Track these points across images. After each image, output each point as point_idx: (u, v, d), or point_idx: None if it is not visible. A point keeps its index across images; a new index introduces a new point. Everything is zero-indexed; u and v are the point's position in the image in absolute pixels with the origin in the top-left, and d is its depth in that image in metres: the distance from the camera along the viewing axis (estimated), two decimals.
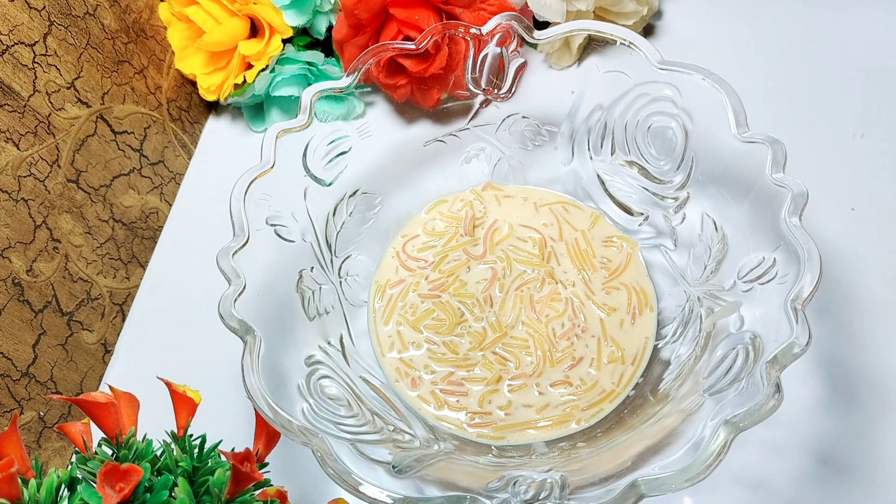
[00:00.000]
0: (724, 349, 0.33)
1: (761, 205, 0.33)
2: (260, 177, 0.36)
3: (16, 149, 0.38)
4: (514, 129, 0.44)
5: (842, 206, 0.44)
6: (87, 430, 0.27)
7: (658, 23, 0.54)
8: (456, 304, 0.42)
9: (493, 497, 0.29)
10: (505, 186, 0.46)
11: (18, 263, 0.38)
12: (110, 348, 0.46)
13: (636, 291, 0.41)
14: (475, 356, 0.40)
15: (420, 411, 0.39)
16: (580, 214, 0.45)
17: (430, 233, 0.45)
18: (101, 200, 0.45)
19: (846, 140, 0.47)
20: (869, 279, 0.42)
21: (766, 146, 0.32)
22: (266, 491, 0.27)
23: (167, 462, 0.26)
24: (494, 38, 0.39)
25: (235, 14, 0.49)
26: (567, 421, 0.38)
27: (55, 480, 0.24)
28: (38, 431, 0.40)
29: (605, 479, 0.29)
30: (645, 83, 0.38)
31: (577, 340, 0.40)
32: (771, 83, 0.50)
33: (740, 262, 0.35)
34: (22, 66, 0.38)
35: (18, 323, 0.38)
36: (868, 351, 0.40)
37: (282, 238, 0.38)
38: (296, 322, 0.38)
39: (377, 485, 0.28)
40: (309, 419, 0.31)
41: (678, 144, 0.38)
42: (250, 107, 0.54)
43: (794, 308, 0.28)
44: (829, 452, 0.37)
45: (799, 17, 0.52)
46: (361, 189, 0.43)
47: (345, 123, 0.41)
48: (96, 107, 0.44)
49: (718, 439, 0.27)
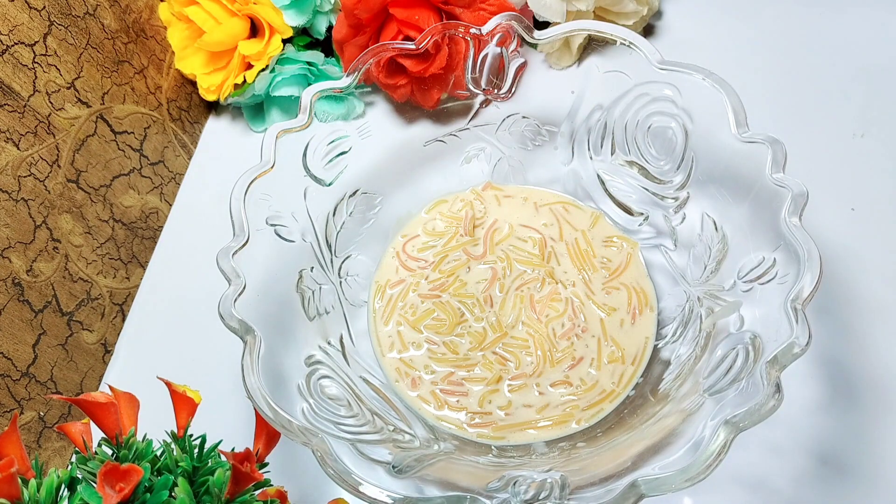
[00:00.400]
0: (724, 349, 0.33)
1: (761, 205, 0.33)
2: (260, 177, 0.36)
3: (16, 149, 0.38)
4: (514, 129, 0.44)
5: (842, 206, 0.44)
6: (87, 430, 0.27)
7: (658, 23, 0.54)
8: (456, 304, 0.42)
9: (493, 497, 0.29)
10: (505, 186, 0.46)
11: (18, 263, 0.38)
12: (110, 348, 0.46)
13: (636, 291, 0.41)
14: (475, 356, 0.40)
15: (420, 411, 0.39)
16: (580, 214, 0.45)
17: (430, 233, 0.45)
18: (101, 200, 0.45)
19: (846, 140, 0.47)
20: (869, 279, 0.42)
21: (766, 146, 0.32)
22: (266, 491, 0.27)
23: (167, 462, 0.26)
24: (494, 38, 0.39)
25: (235, 14, 0.49)
26: (567, 421, 0.38)
27: (55, 480, 0.24)
28: (38, 431, 0.40)
29: (605, 479, 0.29)
30: (645, 83, 0.38)
31: (578, 340, 0.40)
32: (771, 83, 0.50)
33: (740, 262, 0.35)
34: (22, 66, 0.38)
35: (18, 323, 0.38)
36: (868, 351, 0.40)
37: (282, 238, 0.38)
38: (296, 322, 0.38)
39: (377, 485, 0.28)
40: (309, 419, 0.31)
41: (678, 144, 0.38)
42: (250, 107, 0.54)
43: (794, 308, 0.28)
44: (829, 452, 0.37)
45: (799, 17, 0.52)
46: (361, 189, 0.43)
47: (345, 123, 0.41)
48: (96, 107, 0.44)
49: (718, 439, 0.27)
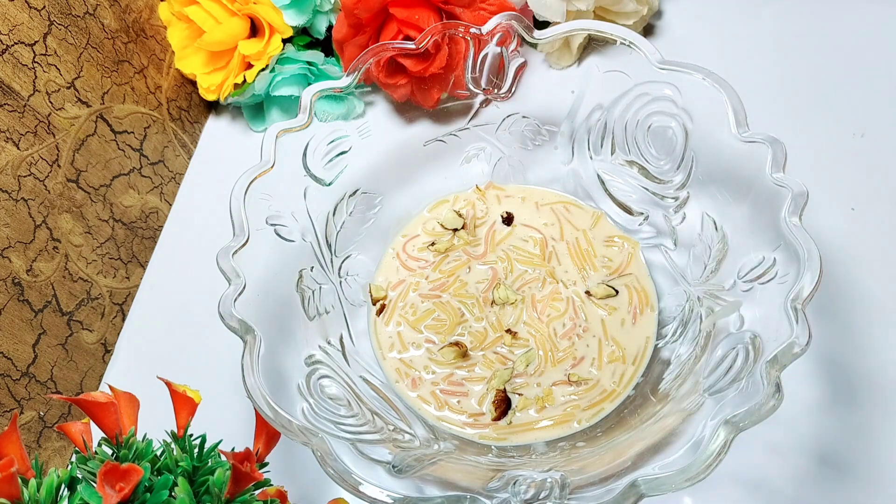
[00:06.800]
0: (724, 349, 0.33)
1: (761, 204, 0.33)
2: (260, 176, 0.36)
3: (16, 148, 0.38)
4: (514, 129, 0.44)
5: (842, 206, 0.44)
6: (87, 429, 0.27)
7: (658, 22, 0.54)
8: (456, 304, 0.42)
9: (493, 497, 0.29)
10: (506, 186, 0.46)
11: (18, 263, 0.38)
12: (110, 348, 0.46)
13: (637, 291, 0.41)
14: (476, 356, 0.40)
15: (420, 412, 0.39)
16: (581, 214, 0.45)
17: (430, 233, 0.45)
18: (101, 200, 0.45)
19: (846, 140, 0.47)
20: (869, 279, 0.42)
21: (766, 146, 0.32)
22: (266, 491, 0.27)
23: (167, 462, 0.26)
24: (494, 38, 0.39)
25: (235, 14, 0.49)
26: (568, 421, 0.38)
27: (55, 480, 0.24)
28: (38, 431, 0.40)
29: (605, 478, 0.29)
30: (645, 83, 0.38)
31: (579, 340, 0.40)
32: (771, 83, 0.50)
33: (740, 261, 0.35)
34: (22, 66, 0.38)
35: (18, 323, 0.38)
36: (868, 351, 0.40)
37: (282, 238, 0.38)
38: (296, 322, 0.38)
39: (377, 484, 0.28)
40: (309, 419, 0.31)
41: (678, 144, 0.38)
42: (250, 106, 0.53)
43: (794, 308, 0.28)
44: (829, 452, 0.37)
45: (799, 17, 0.52)
46: (361, 189, 0.43)
47: (345, 123, 0.41)
48: (96, 106, 0.44)
49: (718, 439, 0.27)
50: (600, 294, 0.41)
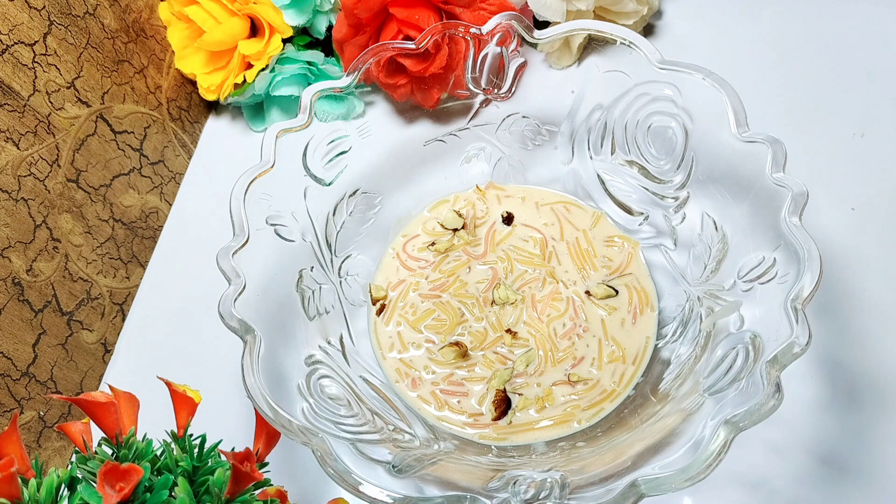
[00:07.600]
0: (724, 349, 0.33)
1: (761, 204, 0.33)
2: (260, 176, 0.36)
3: (16, 148, 0.38)
4: (514, 129, 0.44)
5: (842, 206, 0.44)
6: (87, 429, 0.27)
7: (658, 22, 0.54)
8: (456, 304, 0.42)
9: (493, 497, 0.29)
10: (506, 186, 0.46)
11: (18, 263, 0.38)
12: (110, 348, 0.46)
13: (637, 291, 0.41)
14: (476, 356, 0.40)
15: (420, 412, 0.39)
16: (581, 214, 0.45)
17: (430, 233, 0.45)
18: (101, 200, 0.45)
19: (846, 140, 0.47)
20: (869, 279, 0.42)
21: (766, 146, 0.32)
22: (266, 491, 0.27)
23: (167, 462, 0.26)
24: (494, 38, 0.39)
25: (235, 14, 0.49)
26: (568, 421, 0.38)
27: (55, 480, 0.24)
28: (38, 431, 0.40)
29: (605, 478, 0.29)
30: (645, 83, 0.38)
31: (579, 340, 0.40)
32: (771, 83, 0.50)
33: (740, 261, 0.35)
34: (22, 66, 0.38)
35: (18, 322, 0.38)
36: (868, 351, 0.40)
37: (282, 238, 0.38)
38: (296, 322, 0.38)
39: (377, 484, 0.28)
40: (309, 419, 0.31)
41: (678, 144, 0.38)
42: (250, 106, 0.53)
43: (794, 308, 0.28)
44: (829, 452, 0.37)
45: (799, 17, 0.52)
46: (361, 189, 0.43)
47: (345, 123, 0.41)
48: (96, 106, 0.44)
49: (718, 439, 0.27)
50: (600, 294, 0.41)
